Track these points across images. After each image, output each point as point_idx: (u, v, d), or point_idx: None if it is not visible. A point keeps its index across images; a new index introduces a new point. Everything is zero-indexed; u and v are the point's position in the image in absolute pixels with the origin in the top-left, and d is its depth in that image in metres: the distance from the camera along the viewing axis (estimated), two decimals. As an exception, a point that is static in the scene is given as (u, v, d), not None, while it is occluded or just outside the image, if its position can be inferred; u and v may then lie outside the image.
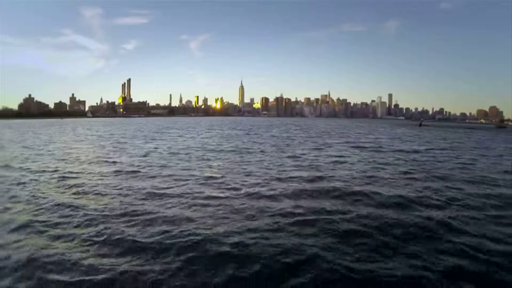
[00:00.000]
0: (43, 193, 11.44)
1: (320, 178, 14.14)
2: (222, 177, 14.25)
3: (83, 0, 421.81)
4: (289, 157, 21.70)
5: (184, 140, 35.85)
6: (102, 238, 7.34)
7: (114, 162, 18.90)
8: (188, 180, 13.59)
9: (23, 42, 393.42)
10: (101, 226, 8.05)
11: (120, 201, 10.30)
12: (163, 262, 6.23)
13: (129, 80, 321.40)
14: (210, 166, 17.49)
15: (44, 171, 15.94)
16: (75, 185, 12.58)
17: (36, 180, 13.78)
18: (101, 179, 13.98)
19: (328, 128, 79.26)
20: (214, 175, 14.72)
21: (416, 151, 27.05)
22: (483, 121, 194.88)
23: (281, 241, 7.15)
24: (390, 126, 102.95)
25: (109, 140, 35.86)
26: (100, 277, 5.70)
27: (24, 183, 13.17)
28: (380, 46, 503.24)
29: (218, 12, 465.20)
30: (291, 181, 13.49)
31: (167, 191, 11.64)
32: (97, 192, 11.53)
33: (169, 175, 14.57)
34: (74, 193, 11.46)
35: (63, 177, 14.30)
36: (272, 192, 11.49)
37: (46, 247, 6.89)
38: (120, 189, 12.03)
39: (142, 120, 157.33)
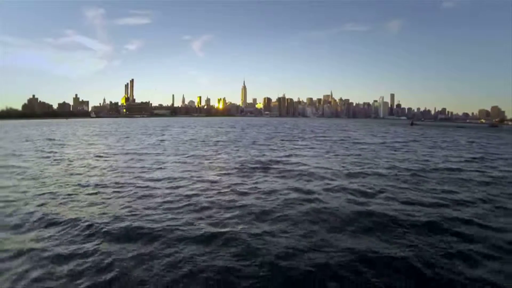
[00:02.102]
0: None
1: (264, 162, 21.33)
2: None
3: (85, 1, 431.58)
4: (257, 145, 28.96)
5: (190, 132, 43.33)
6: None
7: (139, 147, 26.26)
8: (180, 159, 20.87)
9: (26, 43, 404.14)
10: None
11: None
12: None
13: (132, 81, 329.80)
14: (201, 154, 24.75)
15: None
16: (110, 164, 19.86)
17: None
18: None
19: (318, 126, 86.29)
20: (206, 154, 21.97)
21: (370, 143, 34.14)
22: (483, 120, 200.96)
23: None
24: (383, 125, 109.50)
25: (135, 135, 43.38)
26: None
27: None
28: (383, 46, 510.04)
29: (221, 12, 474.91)
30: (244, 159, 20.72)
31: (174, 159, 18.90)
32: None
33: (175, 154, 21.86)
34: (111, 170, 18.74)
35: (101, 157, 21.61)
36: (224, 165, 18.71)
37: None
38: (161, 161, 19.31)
39: (146, 120, 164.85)
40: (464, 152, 26.39)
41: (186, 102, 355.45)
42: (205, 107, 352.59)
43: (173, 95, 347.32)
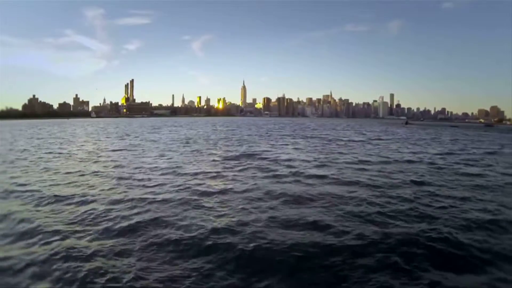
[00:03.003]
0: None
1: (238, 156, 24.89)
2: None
3: (85, 1, 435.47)
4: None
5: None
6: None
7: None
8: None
9: (25, 43, 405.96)
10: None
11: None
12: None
13: (132, 81, 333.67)
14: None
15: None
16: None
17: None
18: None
19: (310, 126, 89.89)
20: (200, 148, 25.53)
21: (351, 140, 37.74)
22: (482, 120, 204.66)
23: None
24: (377, 125, 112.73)
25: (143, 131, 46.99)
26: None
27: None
28: (383, 46, 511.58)
29: (221, 12, 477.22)
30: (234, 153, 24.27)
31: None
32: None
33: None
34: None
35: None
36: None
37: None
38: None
39: (146, 120, 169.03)
40: (430, 148, 29.83)
41: (186, 102, 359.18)
42: (205, 107, 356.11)
43: (173, 95, 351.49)
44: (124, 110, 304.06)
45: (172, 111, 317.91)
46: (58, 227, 7.80)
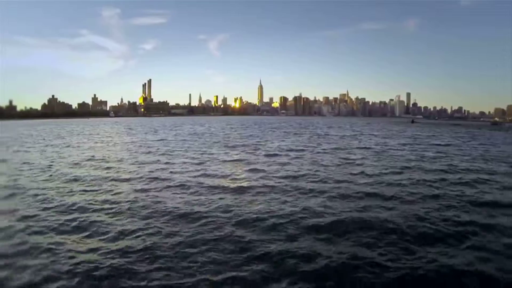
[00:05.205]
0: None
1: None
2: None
3: (101, 1, 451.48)
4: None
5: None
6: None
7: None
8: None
9: (42, 43, 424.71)
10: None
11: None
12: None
13: (149, 81, 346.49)
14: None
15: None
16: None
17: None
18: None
19: (318, 125, 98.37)
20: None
21: (343, 136, 46.81)
22: (497, 119, 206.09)
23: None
24: (381, 123, 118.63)
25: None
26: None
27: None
28: (399, 45, 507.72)
29: (236, 11, 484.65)
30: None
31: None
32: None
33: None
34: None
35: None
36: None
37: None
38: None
39: (165, 119, 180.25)
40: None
41: (203, 101, 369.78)
42: (222, 106, 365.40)
43: (190, 95, 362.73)
44: (142, 109, 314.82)
45: (189, 110, 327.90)
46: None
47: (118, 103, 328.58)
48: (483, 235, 8.22)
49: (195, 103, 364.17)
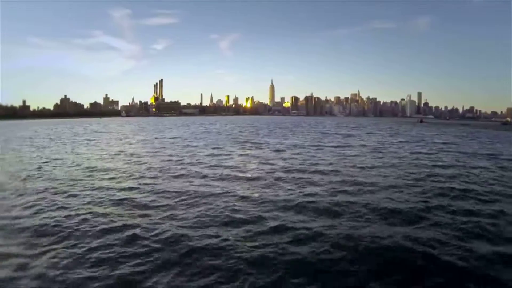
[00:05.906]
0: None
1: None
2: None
3: (112, 2, 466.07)
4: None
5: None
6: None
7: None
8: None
9: (55, 44, 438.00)
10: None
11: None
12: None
13: (161, 81, 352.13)
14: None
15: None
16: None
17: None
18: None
19: (325, 124, 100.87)
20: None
21: (337, 133, 49.60)
22: (509, 119, 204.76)
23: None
24: (389, 123, 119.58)
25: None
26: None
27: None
28: (411, 44, 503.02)
29: (247, 11, 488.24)
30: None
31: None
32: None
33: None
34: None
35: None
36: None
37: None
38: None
39: (176, 119, 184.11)
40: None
41: (214, 101, 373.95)
42: (233, 106, 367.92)
43: (201, 94, 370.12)
44: (153, 109, 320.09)
45: (201, 110, 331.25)
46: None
47: (129, 103, 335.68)
48: (436, 213, 10.94)
49: (206, 102, 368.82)
